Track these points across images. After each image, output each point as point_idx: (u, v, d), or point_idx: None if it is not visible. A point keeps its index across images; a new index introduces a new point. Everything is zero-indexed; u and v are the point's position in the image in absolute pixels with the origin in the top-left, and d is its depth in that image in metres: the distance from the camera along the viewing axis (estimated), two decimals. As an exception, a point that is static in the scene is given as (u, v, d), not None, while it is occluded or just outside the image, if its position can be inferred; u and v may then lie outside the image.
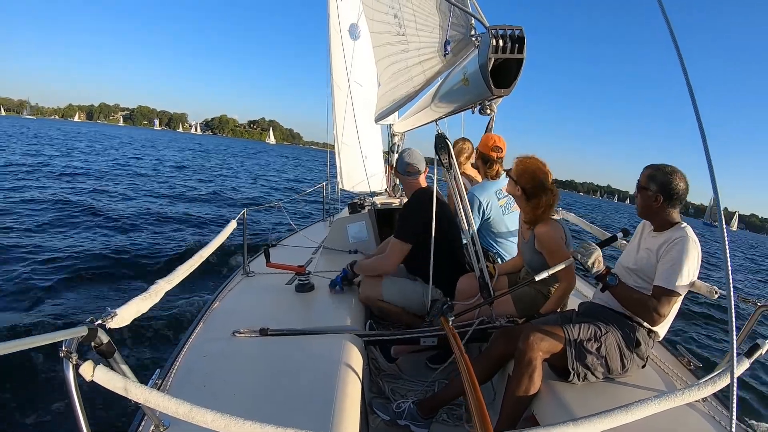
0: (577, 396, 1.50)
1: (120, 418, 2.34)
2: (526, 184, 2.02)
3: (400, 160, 2.51)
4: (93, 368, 0.84)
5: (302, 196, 6.29)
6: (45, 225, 6.42)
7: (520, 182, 2.03)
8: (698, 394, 1.03)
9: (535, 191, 2.00)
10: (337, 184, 5.04)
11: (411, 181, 2.49)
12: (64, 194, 9.04)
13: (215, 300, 2.21)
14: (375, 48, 2.61)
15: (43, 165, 14.27)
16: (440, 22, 1.55)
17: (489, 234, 2.75)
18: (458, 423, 1.88)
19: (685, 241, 1.52)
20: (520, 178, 2.03)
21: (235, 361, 1.58)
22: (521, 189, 2.03)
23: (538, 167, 2.02)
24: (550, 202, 1.99)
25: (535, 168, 2.02)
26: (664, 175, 1.58)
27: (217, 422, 0.81)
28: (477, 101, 1.48)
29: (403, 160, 2.49)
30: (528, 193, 2.02)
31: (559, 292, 2.00)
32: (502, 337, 1.75)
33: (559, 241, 1.96)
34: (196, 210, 9.31)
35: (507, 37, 1.17)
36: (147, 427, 1.18)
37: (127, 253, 5.50)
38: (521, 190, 2.04)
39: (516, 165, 2.08)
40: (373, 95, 4.38)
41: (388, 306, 2.32)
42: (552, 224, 1.99)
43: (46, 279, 4.31)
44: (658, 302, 1.51)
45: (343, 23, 4.57)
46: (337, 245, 3.24)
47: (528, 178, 2.01)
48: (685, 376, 1.72)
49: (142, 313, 1.11)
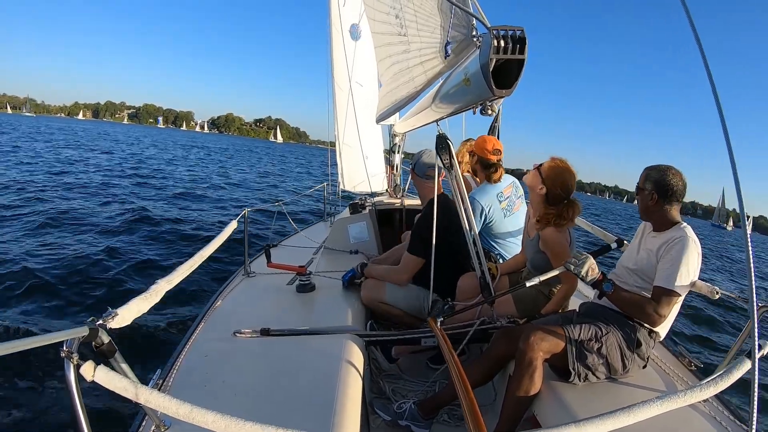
0: (577, 396, 1.50)
1: (121, 418, 2.34)
2: (553, 188, 1.96)
3: (420, 163, 2.41)
4: (94, 368, 0.84)
5: (303, 196, 6.28)
6: (43, 224, 6.42)
7: (547, 182, 1.97)
8: (701, 395, 1.03)
9: (558, 199, 1.96)
10: (338, 184, 5.04)
11: (430, 185, 2.39)
12: (63, 194, 9.06)
13: (216, 300, 2.21)
14: (376, 48, 2.61)
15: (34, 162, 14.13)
16: (441, 22, 1.55)
17: (491, 236, 2.74)
18: (459, 423, 1.88)
19: (685, 241, 1.52)
20: (548, 179, 1.97)
21: (236, 361, 1.58)
22: (546, 189, 1.97)
23: (571, 175, 1.97)
24: (569, 214, 1.96)
25: (569, 176, 1.97)
26: (658, 172, 1.61)
27: (217, 423, 0.81)
28: (478, 102, 1.48)
29: (423, 162, 2.39)
30: (551, 197, 1.97)
31: (560, 294, 2.00)
32: (503, 338, 1.75)
33: (564, 244, 1.95)
34: (196, 210, 9.32)
35: (508, 37, 1.17)
36: (148, 427, 1.18)
37: (128, 252, 5.50)
38: (545, 191, 1.98)
39: (550, 165, 2.00)
40: (374, 95, 4.39)
41: (390, 308, 2.32)
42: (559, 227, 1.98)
43: (46, 279, 4.31)
44: (658, 303, 1.51)
45: (344, 23, 4.58)
46: (338, 245, 3.23)
47: (558, 182, 1.95)
48: (686, 376, 1.71)
49: (142, 312, 1.11)
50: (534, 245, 2.05)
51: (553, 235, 1.95)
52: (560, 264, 1.73)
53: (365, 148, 4.97)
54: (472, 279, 2.26)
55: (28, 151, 18.13)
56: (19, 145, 20.50)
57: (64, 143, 24.47)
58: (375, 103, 3.41)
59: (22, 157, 15.52)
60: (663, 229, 1.63)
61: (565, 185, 1.96)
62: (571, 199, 1.98)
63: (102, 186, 10.91)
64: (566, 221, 1.97)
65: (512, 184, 2.78)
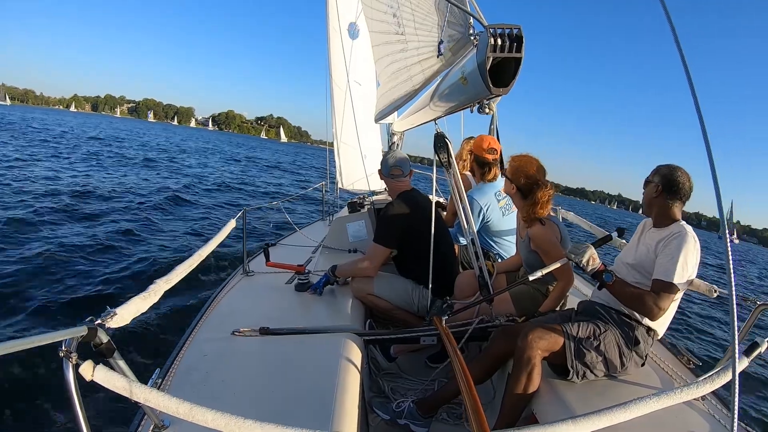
0: (576, 394, 1.51)
1: (120, 417, 2.34)
2: (520, 182, 2.04)
3: (385, 163, 2.50)
4: (93, 368, 0.85)
5: (301, 195, 6.27)
6: (40, 223, 6.39)
7: (514, 180, 2.05)
8: (697, 392, 1.03)
9: (529, 188, 2.02)
10: (337, 183, 5.04)
11: (395, 183, 2.49)
12: (62, 193, 9.02)
13: (215, 299, 2.21)
14: (374, 47, 2.61)
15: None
16: (439, 21, 1.55)
17: (489, 235, 2.75)
18: (458, 422, 1.89)
19: (684, 236, 1.54)
20: (514, 176, 2.06)
21: (235, 360, 1.59)
22: (516, 187, 2.05)
23: (530, 163, 2.04)
24: (545, 197, 2.00)
25: (528, 164, 2.04)
26: (668, 168, 1.64)
27: (217, 421, 0.81)
28: (475, 100, 1.49)
29: (387, 162, 2.48)
30: (523, 190, 2.04)
31: (557, 291, 2.00)
32: (502, 336, 1.76)
33: (553, 240, 1.96)
34: (196, 209, 9.31)
35: (505, 35, 1.17)
36: (147, 426, 1.18)
37: (127, 252, 5.50)
38: (516, 188, 2.06)
39: (510, 164, 2.10)
40: (372, 94, 4.38)
41: (378, 300, 2.33)
42: (547, 224, 2.00)
43: (46, 279, 4.30)
44: (657, 296, 1.51)
45: (342, 22, 4.57)
46: (337, 244, 3.24)
47: (521, 175, 2.03)
48: (684, 374, 1.72)
49: (141, 312, 1.12)
50: (526, 245, 2.07)
51: (540, 232, 1.98)
52: (553, 261, 1.75)
53: (364, 146, 4.97)
54: (469, 277, 2.27)
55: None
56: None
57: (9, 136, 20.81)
58: (373, 101, 3.41)
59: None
60: (663, 224, 1.64)
61: (527, 173, 2.03)
62: (541, 183, 2.02)
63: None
64: (544, 206, 2.00)
65: None
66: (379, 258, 2.32)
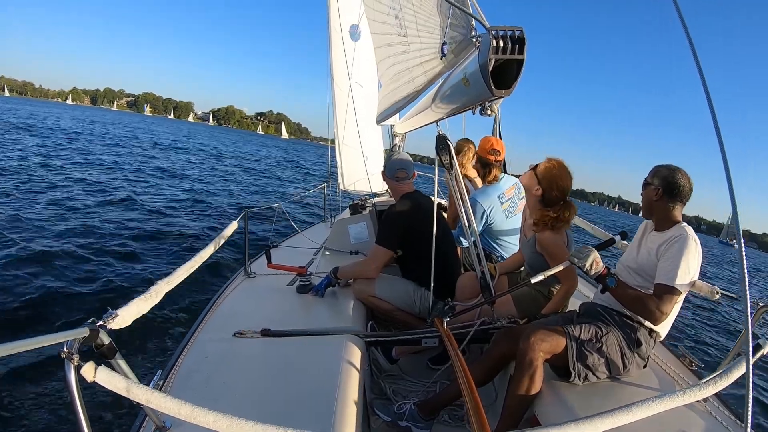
0: (578, 396, 1.50)
1: (121, 419, 2.34)
2: (549, 190, 1.95)
3: (390, 165, 2.49)
4: (94, 369, 0.85)
5: (303, 197, 6.27)
6: (38, 222, 6.40)
7: (543, 184, 1.96)
8: (700, 394, 1.03)
9: (554, 200, 1.95)
10: (338, 184, 5.04)
11: (398, 185, 2.48)
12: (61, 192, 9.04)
13: (216, 301, 2.21)
14: (376, 49, 2.61)
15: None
16: (441, 23, 1.55)
17: (492, 237, 2.74)
18: (459, 424, 1.88)
19: (686, 238, 1.53)
20: (544, 180, 1.95)
21: (237, 362, 1.58)
22: (542, 191, 1.96)
23: (568, 177, 1.95)
24: (566, 217, 1.95)
25: (566, 177, 1.95)
26: (667, 170, 1.62)
27: (218, 423, 0.81)
28: (477, 102, 1.48)
29: (392, 164, 2.48)
30: (547, 198, 1.96)
31: (560, 294, 1.99)
32: (504, 338, 1.75)
33: (560, 244, 1.94)
34: (196, 209, 9.32)
35: (507, 37, 1.17)
36: (148, 428, 1.18)
37: (127, 251, 5.50)
38: (541, 192, 1.97)
39: (546, 167, 1.98)
40: (373, 96, 4.39)
41: (380, 302, 2.33)
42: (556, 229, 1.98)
43: (46, 279, 4.31)
44: (660, 300, 1.51)
45: (343, 24, 4.58)
46: (339, 246, 3.23)
47: (555, 184, 1.94)
48: (686, 376, 1.71)
49: (142, 313, 1.12)
50: (531, 246, 2.04)
51: (550, 238, 1.94)
52: (558, 264, 1.74)
53: (365, 148, 4.98)
54: (471, 279, 2.26)
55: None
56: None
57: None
58: (375, 103, 3.41)
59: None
60: (664, 227, 1.63)
61: (561, 187, 1.94)
62: (567, 201, 1.98)
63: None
64: (563, 223, 1.96)
65: (515, 185, 2.78)
66: (381, 260, 2.32)
